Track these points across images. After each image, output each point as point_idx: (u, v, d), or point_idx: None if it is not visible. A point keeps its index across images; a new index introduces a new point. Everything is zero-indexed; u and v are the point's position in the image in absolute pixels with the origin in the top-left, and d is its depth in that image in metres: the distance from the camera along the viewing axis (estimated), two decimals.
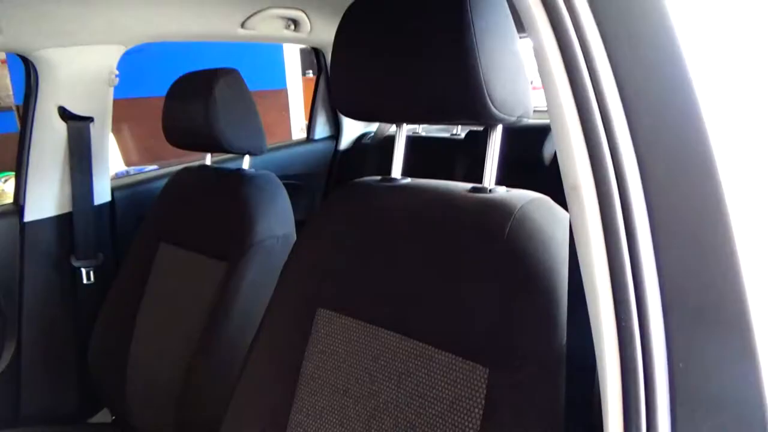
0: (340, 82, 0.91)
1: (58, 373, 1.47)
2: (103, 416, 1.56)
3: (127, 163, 3.75)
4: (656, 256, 0.44)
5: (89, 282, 1.49)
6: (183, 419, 1.18)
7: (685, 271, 0.44)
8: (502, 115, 0.75)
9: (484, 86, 0.73)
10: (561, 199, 0.63)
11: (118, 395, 1.39)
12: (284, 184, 1.36)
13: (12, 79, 4.96)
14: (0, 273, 1.43)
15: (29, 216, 1.47)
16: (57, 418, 1.45)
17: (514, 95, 0.77)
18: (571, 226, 0.53)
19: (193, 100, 1.31)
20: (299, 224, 1.02)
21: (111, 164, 1.66)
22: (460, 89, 0.74)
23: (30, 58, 1.40)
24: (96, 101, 1.50)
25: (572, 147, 0.46)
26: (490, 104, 0.74)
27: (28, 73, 1.46)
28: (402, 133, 0.96)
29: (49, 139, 1.47)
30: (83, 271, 1.48)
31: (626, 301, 0.43)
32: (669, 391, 0.43)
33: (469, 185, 0.84)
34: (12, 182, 1.55)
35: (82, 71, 1.44)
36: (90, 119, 1.48)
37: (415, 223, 0.84)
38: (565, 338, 0.64)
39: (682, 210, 0.45)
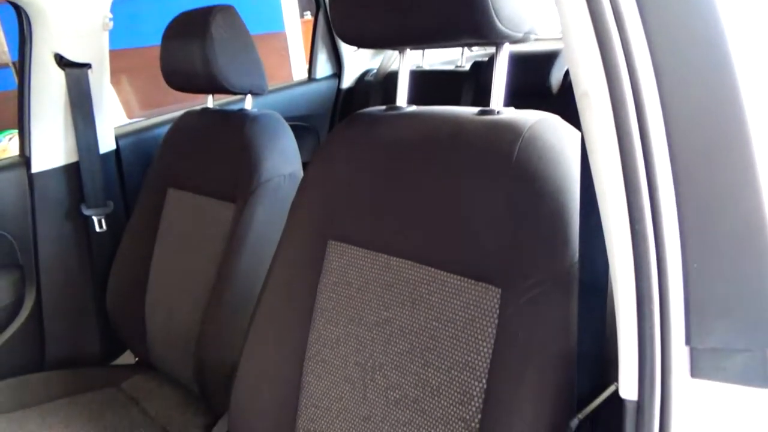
0: (341, 9, 0.88)
1: (80, 319, 1.50)
2: (127, 358, 1.61)
3: (130, 116, 3.72)
4: (671, 159, 0.43)
5: (101, 230, 1.50)
6: (202, 357, 1.22)
7: (701, 173, 0.43)
8: (508, 31, 0.73)
9: (489, 1, 0.70)
10: None
11: (138, 338, 1.42)
12: (289, 126, 1.34)
13: (6, 37, 4.86)
14: (14, 226, 1.44)
15: (36, 167, 1.47)
16: (82, 361, 1.50)
17: (520, 10, 0.74)
18: (583, 139, 0.52)
19: (190, 39, 1.28)
20: (306, 166, 1.01)
21: (113, 117, 1.64)
22: (464, 6, 0.71)
23: (21, 5, 1.36)
24: (92, 47, 1.47)
25: (583, 50, 0.44)
26: (496, 20, 0.71)
27: (20, 23, 1.42)
28: (405, 60, 0.94)
29: (48, 89, 1.45)
30: (94, 219, 1.49)
31: (639, 205, 0.42)
32: (684, 295, 0.43)
33: (476, 108, 0.83)
34: (16, 140, 1.54)
35: (74, 15, 1.41)
36: (87, 66, 1.46)
37: (423, 149, 0.83)
38: (577, 255, 0.64)
39: (698, 111, 0.43)
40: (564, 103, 0.69)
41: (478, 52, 2.24)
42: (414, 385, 0.79)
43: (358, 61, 2.28)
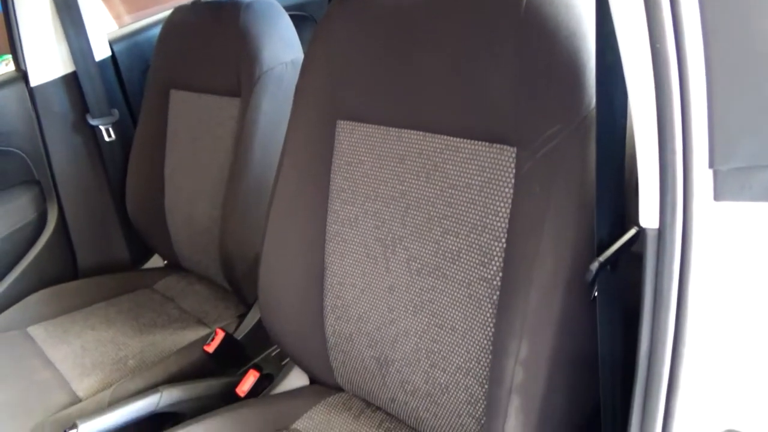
0: None
1: (104, 228, 1.53)
2: (156, 261, 1.66)
3: (120, 24, 3.57)
4: None
5: (110, 139, 1.50)
6: (227, 252, 1.25)
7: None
8: None
9: None
10: None
11: (163, 241, 1.46)
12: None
13: None
14: (24, 142, 1.44)
15: (35, 80, 1.44)
16: (113, 267, 1.55)
17: None
18: None
19: None
20: None
21: (103, 24, 1.58)
22: None
23: None
24: None
25: None
26: None
27: None
28: None
29: None
30: (102, 129, 1.48)
31: (659, 20, 0.39)
32: (708, 116, 0.41)
33: None
34: (12, 63, 1.50)
35: None
36: None
37: (425, 10, 0.78)
38: (594, 101, 0.61)
39: None
40: None
41: None
42: (434, 253, 0.80)
43: None
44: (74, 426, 0.91)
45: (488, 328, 0.74)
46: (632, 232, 0.60)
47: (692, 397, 0.47)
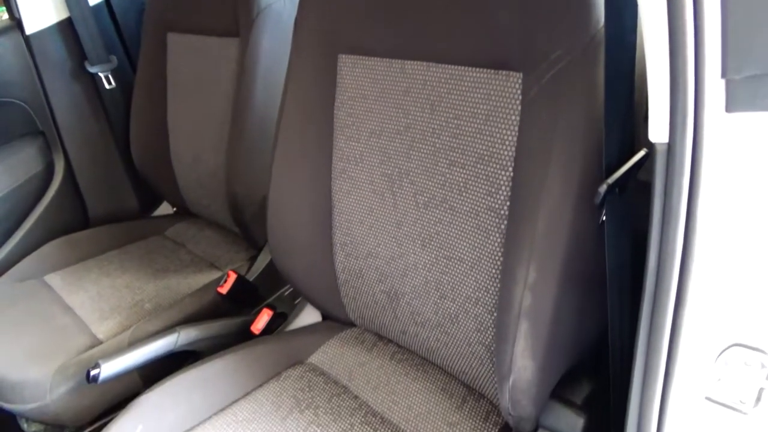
0: None
1: (112, 177, 1.54)
2: (165, 209, 1.68)
3: None
4: None
5: (111, 86, 1.48)
6: (234, 195, 1.25)
7: None
8: None
9: None
10: None
11: (171, 188, 1.46)
12: None
13: None
14: (25, 93, 1.42)
15: (30, 28, 1.40)
16: (123, 216, 1.56)
17: None
18: None
19: None
20: None
21: None
22: None
23: None
24: None
25: None
26: None
27: None
28: None
29: None
30: (101, 76, 1.46)
31: None
32: (721, 22, 0.40)
33: None
34: (5, 14, 1.47)
35: None
36: None
37: None
38: (602, 19, 0.59)
39: None
40: None
41: None
42: (441, 185, 0.79)
43: None
44: (97, 366, 0.94)
45: (496, 257, 0.74)
46: (641, 153, 0.59)
47: (699, 313, 0.48)
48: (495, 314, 0.76)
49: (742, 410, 0.49)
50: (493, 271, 0.75)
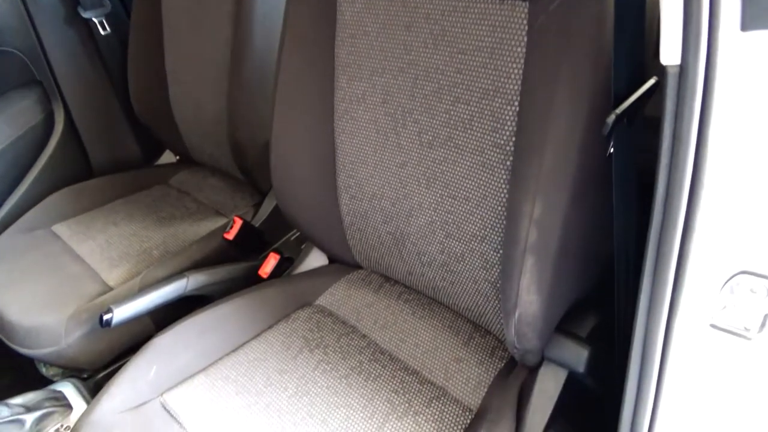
0: None
1: (113, 125, 1.52)
2: (168, 157, 1.67)
3: None
4: None
5: (106, 32, 1.44)
6: (236, 141, 1.24)
7: None
8: None
9: None
10: None
11: (173, 136, 1.45)
12: None
13: None
14: (19, 41, 1.39)
15: None
16: (126, 165, 1.56)
17: None
18: None
19: None
20: None
21: None
22: None
23: None
24: None
25: None
26: None
27: None
28: None
29: None
30: (96, 22, 1.42)
31: None
32: None
33: None
34: None
35: None
36: None
37: None
38: None
39: None
40: None
41: None
42: (445, 123, 0.78)
43: None
44: (109, 310, 0.96)
45: (502, 194, 0.73)
46: (651, 82, 0.57)
47: (707, 241, 0.47)
48: (500, 251, 0.76)
49: (746, 336, 0.49)
50: (499, 208, 0.74)
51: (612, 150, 0.59)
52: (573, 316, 0.79)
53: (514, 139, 0.70)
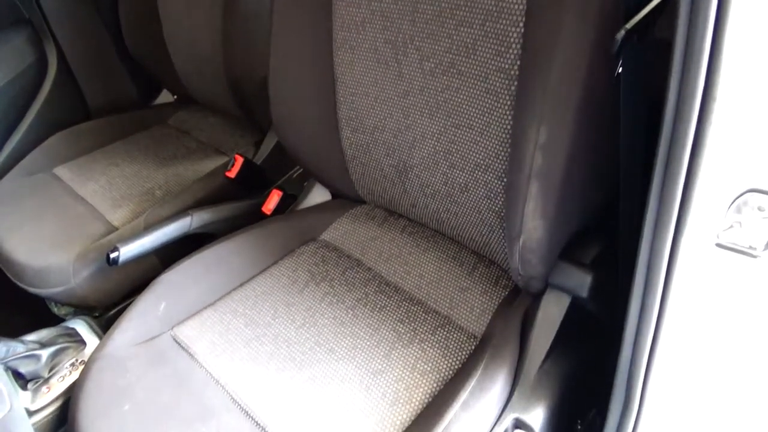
0: None
1: (107, 65, 1.49)
2: (165, 97, 1.64)
3: None
4: None
5: None
6: (234, 78, 1.21)
7: None
8: None
9: None
10: None
11: (169, 75, 1.42)
12: None
13: None
14: None
15: None
16: (124, 106, 1.53)
17: None
18: None
19: None
20: None
21: None
22: None
23: None
24: None
25: None
26: None
27: None
28: None
29: None
30: None
31: None
32: None
33: None
34: None
35: None
36: None
37: None
38: None
39: None
40: None
41: None
42: (448, 49, 0.76)
43: None
44: (115, 249, 0.97)
45: (506, 121, 0.72)
46: None
47: (717, 157, 0.46)
48: (505, 179, 0.75)
49: (752, 254, 0.49)
50: (503, 135, 0.73)
51: (620, 70, 0.58)
52: (577, 244, 0.79)
53: (519, 62, 0.68)
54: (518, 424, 0.70)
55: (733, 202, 0.50)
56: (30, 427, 0.52)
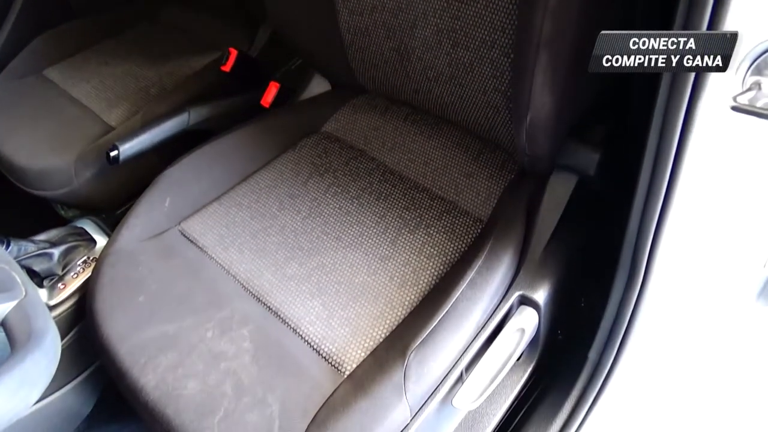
0: None
1: None
2: None
3: None
4: None
5: None
6: None
7: None
8: None
9: None
10: None
11: None
12: None
13: None
14: None
15: None
16: (108, 3, 1.44)
17: None
18: None
19: None
20: None
21: None
22: None
23: None
24: None
25: None
26: None
27: None
28: None
29: None
30: None
31: None
32: None
33: None
34: None
35: None
36: None
37: None
38: None
39: None
40: None
41: None
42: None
43: None
44: (115, 147, 0.95)
45: None
46: None
47: (738, 14, 0.43)
48: (511, 56, 0.71)
49: None
50: (510, 6, 0.68)
51: None
52: (584, 125, 0.77)
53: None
54: (523, 300, 0.71)
55: (752, 64, 0.47)
56: (47, 311, 0.53)
